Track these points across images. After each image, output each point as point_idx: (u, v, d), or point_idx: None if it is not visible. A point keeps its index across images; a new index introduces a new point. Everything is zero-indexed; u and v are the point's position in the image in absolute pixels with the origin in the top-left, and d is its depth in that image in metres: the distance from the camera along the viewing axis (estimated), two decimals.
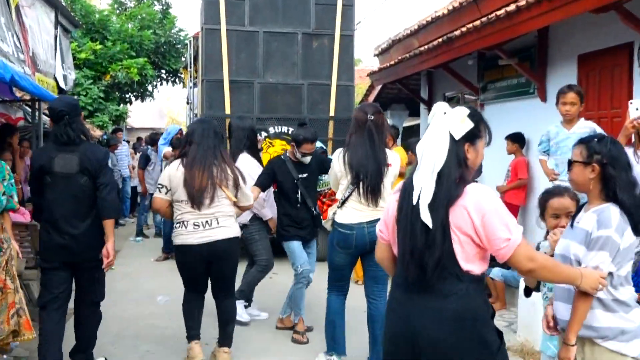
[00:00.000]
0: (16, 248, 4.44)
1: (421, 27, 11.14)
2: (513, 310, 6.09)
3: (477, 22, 7.94)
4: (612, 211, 2.68)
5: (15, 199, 4.45)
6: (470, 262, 2.39)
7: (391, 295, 2.62)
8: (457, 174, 2.39)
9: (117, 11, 19.37)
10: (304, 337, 5.29)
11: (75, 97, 11.19)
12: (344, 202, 4.45)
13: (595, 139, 2.84)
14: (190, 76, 12.60)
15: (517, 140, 7.86)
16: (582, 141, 2.89)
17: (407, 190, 2.49)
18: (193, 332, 4.72)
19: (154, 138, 11.23)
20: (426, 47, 9.79)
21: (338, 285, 4.67)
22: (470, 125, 2.43)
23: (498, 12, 7.41)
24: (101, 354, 4.82)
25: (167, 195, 4.53)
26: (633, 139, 4.32)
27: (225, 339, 4.78)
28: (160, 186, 4.58)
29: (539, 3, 6.55)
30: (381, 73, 12.56)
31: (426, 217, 2.36)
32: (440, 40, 9.18)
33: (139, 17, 18.21)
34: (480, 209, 2.34)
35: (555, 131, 5.73)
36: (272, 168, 5.37)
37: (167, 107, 38.75)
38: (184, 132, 4.61)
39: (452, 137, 2.41)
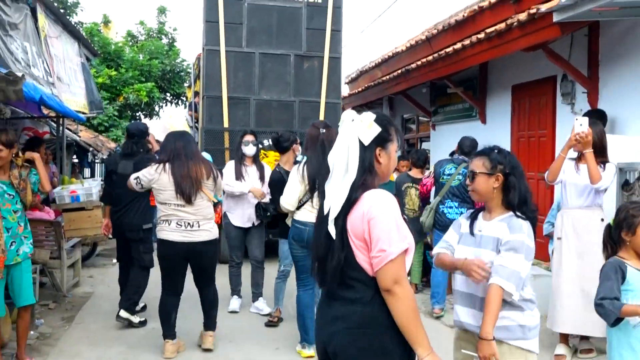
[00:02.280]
0: None
1: (384, 61, 11.28)
2: None
3: (430, 57, 8.06)
4: (520, 218, 2.47)
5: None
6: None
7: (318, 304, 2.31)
8: (360, 180, 2.01)
9: (130, 43, 19.33)
10: (275, 321, 5.23)
11: (94, 114, 10.99)
12: (301, 206, 4.36)
13: (495, 150, 2.57)
14: (192, 95, 12.21)
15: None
16: (482, 153, 2.60)
17: (322, 201, 2.16)
18: (167, 332, 4.47)
19: None
20: (388, 77, 9.92)
21: (302, 279, 4.50)
22: (377, 129, 2.04)
23: (447, 49, 7.54)
24: (109, 333, 4.98)
25: (138, 186, 4.38)
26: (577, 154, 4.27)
27: (210, 323, 4.60)
28: (137, 179, 4.38)
29: (480, 43, 6.69)
30: (350, 98, 12.66)
31: (331, 226, 2.02)
32: (399, 71, 9.31)
33: (149, 49, 18.19)
34: (368, 214, 1.94)
35: None
36: (279, 178, 4.93)
37: (169, 124, 38.44)
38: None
39: (361, 144, 2.04)
